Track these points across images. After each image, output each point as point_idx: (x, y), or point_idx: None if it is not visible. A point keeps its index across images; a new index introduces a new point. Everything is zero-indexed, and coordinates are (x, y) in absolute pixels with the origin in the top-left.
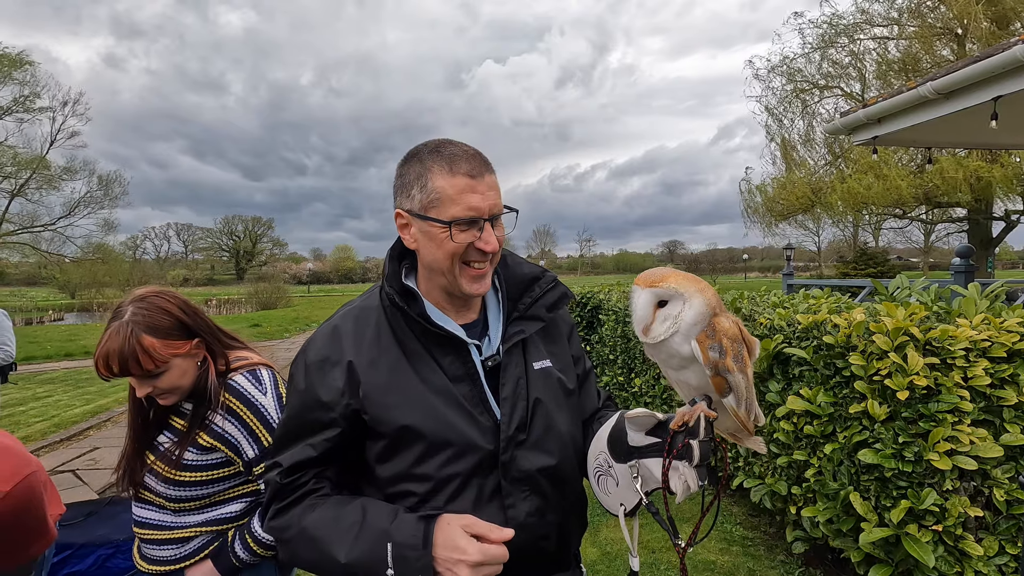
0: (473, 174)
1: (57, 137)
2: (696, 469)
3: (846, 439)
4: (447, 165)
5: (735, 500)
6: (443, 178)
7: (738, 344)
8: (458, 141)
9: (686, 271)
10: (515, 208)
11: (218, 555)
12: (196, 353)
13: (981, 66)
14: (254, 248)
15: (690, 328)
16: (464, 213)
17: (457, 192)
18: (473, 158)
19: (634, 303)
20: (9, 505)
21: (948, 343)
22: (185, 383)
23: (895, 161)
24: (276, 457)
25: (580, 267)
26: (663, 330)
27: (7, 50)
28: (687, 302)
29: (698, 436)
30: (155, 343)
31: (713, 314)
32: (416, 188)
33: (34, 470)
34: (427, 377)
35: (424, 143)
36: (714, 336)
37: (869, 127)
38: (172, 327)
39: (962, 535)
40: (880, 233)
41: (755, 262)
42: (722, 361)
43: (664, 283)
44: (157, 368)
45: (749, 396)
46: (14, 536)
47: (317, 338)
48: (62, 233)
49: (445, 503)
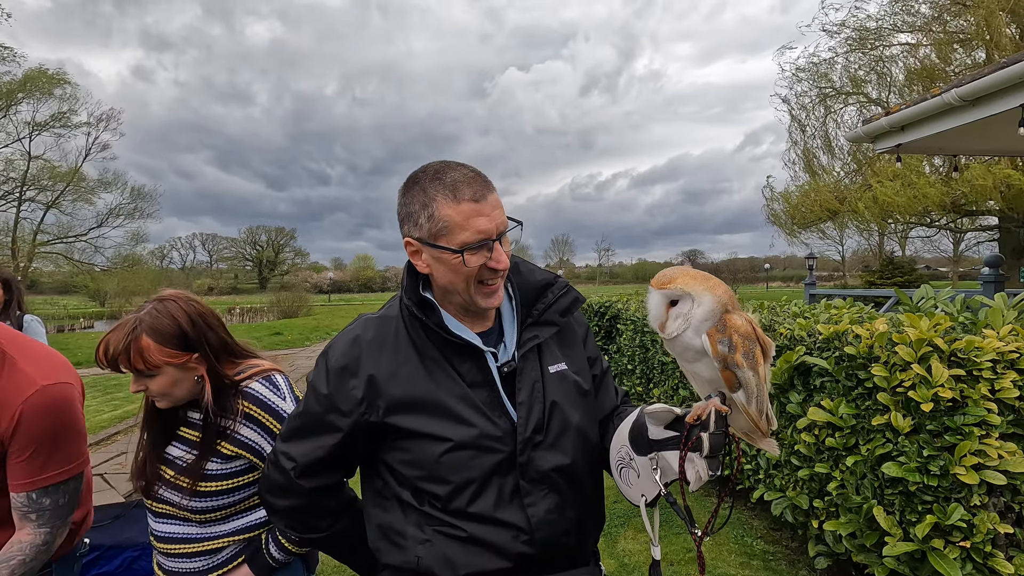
0: (477, 198)
1: (91, 150)
2: (708, 460)
3: (869, 452)
4: (451, 193)
5: (756, 513)
6: (448, 206)
7: (750, 342)
8: (456, 163)
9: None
10: (519, 220)
11: (253, 558)
12: (192, 367)
13: (1007, 72)
14: (276, 258)
15: (701, 324)
16: (474, 238)
17: (464, 218)
18: (474, 181)
19: (648, 303)
20: (43, 399)
21: (974, 354)
22: (178, 393)
23: (921, 169)
24: (286, 446)
25: (599, 276)
26: (675, 327)
27: (45, 68)
28: (696, 300)
29: (709, 429)
30: (151, 345)
31: (725, 311)
32: (423, 217)
33: (71, 382)
34: (446, 384)
35: (423, 169)
36: (724, 331)
37: (892, 135)
38: (173, 335)
39: (991, 552)
40: (907, 242)
41: (777, 272)
42: (731, 356)
43: (673, 284)
44: (147, 370)
45: (760, 394)
46: (51, 435)
47: (338, 344)
48: (93, 244)
49: (467, 503)
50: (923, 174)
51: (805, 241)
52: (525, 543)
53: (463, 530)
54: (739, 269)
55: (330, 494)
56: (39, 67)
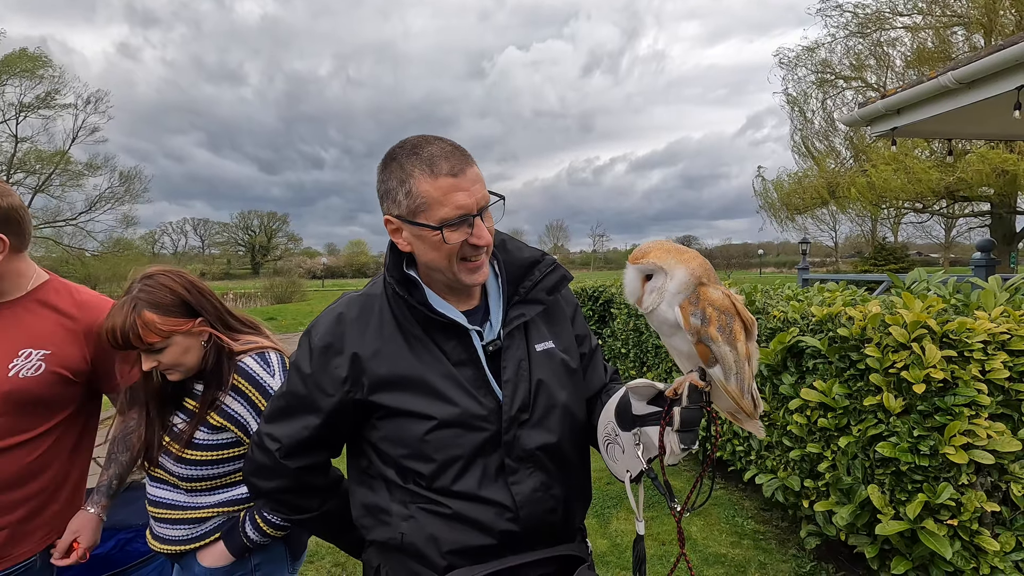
0: (455, 172)
1: (79, 134)
2: (679, 434)
3: (861, 432)
4: (428, 168)
5: (747, 494)
6: (426, 182)
7: (727, 316)
8: (434, 137)
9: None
10: (501, 195)
11: (229, 535)
12: (199, 332)
13: (1004, 54)
14: (269, 243)
15: (673, 296)
16: (453, 213)
17: (442, 194)
18: (452, 154)
19: (625, 279)
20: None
21: (966, 336)
22: (189, 361)
23: (915, 155)
24: (270, 427)
25: (593, 263)
26: (650, 301)
27: (29, 49)
28: (668, 273)
29: (682, 403)
30: (155, 319)
31: (699, 283)
32: (401, 194)
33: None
34: (430, 362)
35: (400, 144)
36: (698, 304)
37: (888, 118)
38: (174, 304)
39: (978, 530)
40: (899, 228)
41: (771, 258)
42: (704, 329)
43: (646, 259)
44: (158, 343)
45: (740, 371)
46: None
47: (322, 323)
48: (83, 228)
49: (452, 481)
50: (918, 159)
51: (798, 227)
52: (510, 520)
53: (447, 507)
54: (733, 255)
55: (317, 473)
56: (22, 49)
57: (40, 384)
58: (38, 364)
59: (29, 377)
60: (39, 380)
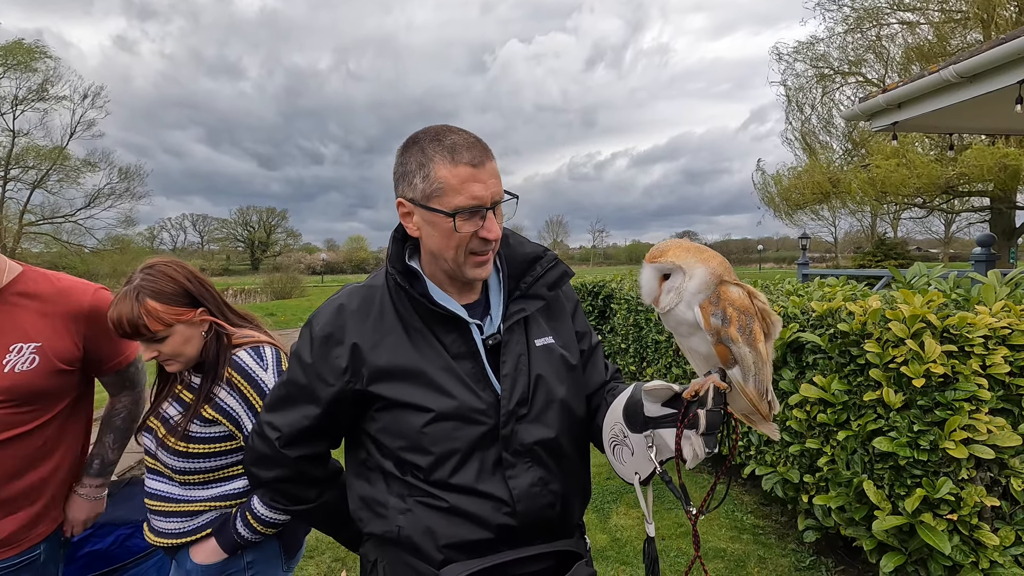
0: (475, 163)
1: (76, 129)
2: (704, 437)
3: (860, 427)
4: (449, 155)
5: (747, 489)
6: (445, 167)
7: (747, 316)
8: (458, 128)
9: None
10: (515, 194)
11: (220, 531)
12: (200, 323)
13: (1005, 48)
14: (268, 239)
15: (693, 296)
16: (467, 203)
17: (460, 182)
18: (474, 146)
19: (641, 278)
20: (105, 295)
21: (966, 330)
22: (189, 351)
23: (914, 150)
24: (271, 415)
25: (592, 258)
26: (668, 301)
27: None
28: (688, 273)
29: (706, 406)
30: (158, 307)
31: (719, 282)
32: (418, 177)
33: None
34: (429, 355)
35: (424, 130)
36: (718, 303)
37: (889, 112)
38: (176, 293)
39: (978, 525)
40: (899, 223)
41: (770, 253)
42: (725, 329)
43: (664, 257)
44: (161, 332)
45: (760, 373)
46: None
47: (323, 313)
48: (82, 225)
49: (449, 474)
50: (919, 154)
51: (797, 223)
52: (507, 515)
53: (444, 501)
54: (732, 250)
55: (316, 463)
56: (16, 40)
57: (36, 377)
58: (31, 357)
59: (24, 371)
60: (35, 373)
